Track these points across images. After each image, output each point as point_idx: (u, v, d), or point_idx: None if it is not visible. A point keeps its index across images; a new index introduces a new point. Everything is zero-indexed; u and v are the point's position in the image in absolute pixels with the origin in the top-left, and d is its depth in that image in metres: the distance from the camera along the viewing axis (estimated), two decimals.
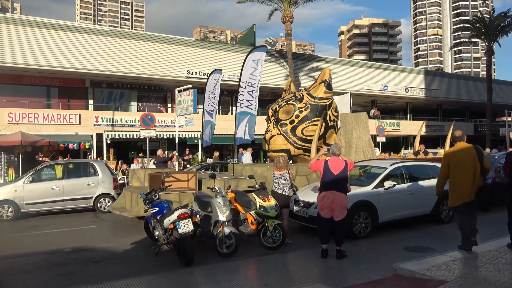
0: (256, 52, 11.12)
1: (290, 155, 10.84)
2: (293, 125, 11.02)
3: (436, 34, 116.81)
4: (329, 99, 11.43)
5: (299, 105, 11.15)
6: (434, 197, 8.64)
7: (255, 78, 10.92)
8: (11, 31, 19.38)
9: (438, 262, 5.40)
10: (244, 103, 10.90)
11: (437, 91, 35.89)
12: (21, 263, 6.47)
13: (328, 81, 11.52)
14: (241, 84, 10.79)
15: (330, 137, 11.58)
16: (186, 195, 8.56)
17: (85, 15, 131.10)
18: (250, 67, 10.88)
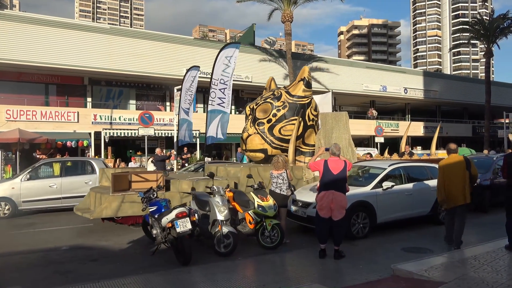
0: (229, 48, 10.70)
1: (267, 155, 10.55)
2: (270, 124, 10.64)
3: (436, 36, 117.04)
4: (308, 98, 11.06)
5: (277, 104, 10.75)
6: (432, 198, 8.66)
7: (228, 75, 10.55)
8: (9, 28, 19.32)
9: (436, 263, 5.41)
10: (216, 100, 10.49)
11: (436, 92, 35.96)
12: (18, 260, 6.44)
13: (307, 79, 11.12)
14: (213, 81, 10.42)
15: (309, 137, 11.23)
16: None
17: (84, 13, 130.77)
18: (222, 64, 10.50)
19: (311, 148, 11.26)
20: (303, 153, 11.20)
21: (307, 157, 11.00)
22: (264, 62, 27.18)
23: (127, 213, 7.99)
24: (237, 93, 28.89)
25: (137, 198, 7.97)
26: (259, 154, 10.69)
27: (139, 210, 7.87)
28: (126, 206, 7.96)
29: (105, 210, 7.86)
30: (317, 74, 28.95)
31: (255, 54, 27.05)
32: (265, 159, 10.69)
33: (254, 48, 27.82)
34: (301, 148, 11.17)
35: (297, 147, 10.99)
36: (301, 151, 11.17)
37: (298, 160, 10.96)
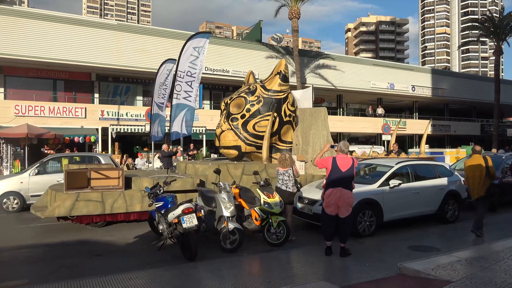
0: (197, 38, 9.98)
1: (240, 152, 10.16)
2: (244, 120, 10.08)
3: (444, 33, 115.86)
4: (285, 92, 10.52)
5: (251, 98, 10.17)
6: (440, 197, 8.61)
7: (196, 67, 9.94)
8: (18, 24, 19.44)
9: (443, 262, 5.36)
10: (182, 94, 9.89)
11: (444, 90, 35.62)
12: (25, 254, 6.51)
13: (284, 72, 10.52)
14: (179, 73, 9.80)
15: (287, 133, 10.76)
16: (110, 195, 7.95)
17: (92, 9, 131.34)
18: (190, 55, 9.83)
19: (289, 145, 10.77)
20: (280, 151, 10.60)
21: None
22: (270, 59, 27.08)
23: (82, 212, 7.66)
24: None
25: (93, 197, 7.67)
26: (232, 151, 10.20)
27: (95, 209, 7.68)
28: (80, 205, 7.62)
29: (58, 208, 7.48)
30: (323, 71, 28.81)
31: (261, 51, 26.98)
32: (239, 156, 10.31)
33: (260, 45, 27.74)
34: (278, 145, 10.69)
35: (273, 144, 10.56)
36: (277, 148, 10.67)
37: (274, 158, 10.50)
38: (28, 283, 5.02)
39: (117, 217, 8.14)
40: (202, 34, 10.29)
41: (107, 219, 8.08)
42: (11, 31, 19.24)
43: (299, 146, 10.61)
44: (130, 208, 8.11)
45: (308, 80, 28.11)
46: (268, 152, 9.97)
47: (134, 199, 8.12)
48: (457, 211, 8.94)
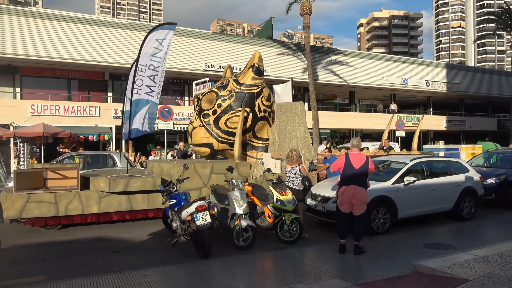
0: (160, 30, 9.48)
1: (213, 150, 9.76)
2: (216, 116, 9.62)
3: (459, 27, 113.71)
4: (258, 86, 9.97)
5: (222, 93, 9.69)
6: (456, 194, 8.47)
7: (159, 60, 9.42)
8: (33, 25, 19.75)
9: (459, 260, 5.27)
10: (144, 89, 9.34)
11: (459, 85, 35.00)
12: (41, 251, 6.62)
13: (257, 65, 9.93)
14: (140, 67, 9.25)
15: (262, 130, 10.27)
16: (65, 196, 7.55)
17: (104, 9, 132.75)
18: (152, 48, 9.33)
19: (265, 142, 10.32)
20: (255, 148, 10.27)
21: (259, 152, 10.19)
22: (282, 56, 26.98)
23: (33, 214, 7.27)
24: None
25: (46, 198, 7.25)
26: (204, 149, 9.81)
27: (48, 211, 7.33)
28: (31, 207, 7.21)
29: (7, 210, 7.09)
30: (336, 68, 28.58)
31: (273, 47, 26.89)
32: (212, 154, 9.93)
33: (272, 41, 27.65)
34: (253, 143, 10.26)
35: (248, 141, 10.17)
36: (252, 146, 10.28)
37: (249, 156, 10.18)
38: (46, 279, 5.12)
39: (72, 220, 7.79)
40: (166, 25, 9.70)
41: (62, 221, 7.71)
42: (26, 32, 19.56)
43: (275, 143, 10.15)
44: (87, 210, 7.75)
45: (320, 76, 27.93)
46: (240, 150, 9.49)
47: (90, 200, 7.72)
48: (474, 208, 8.79)
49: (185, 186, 8.37)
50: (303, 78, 26.75)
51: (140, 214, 8.46)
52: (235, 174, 8.70)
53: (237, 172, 8.88)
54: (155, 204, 8.34)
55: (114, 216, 8.19)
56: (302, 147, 9.89)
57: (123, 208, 8.14)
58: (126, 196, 8.12)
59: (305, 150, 9.91)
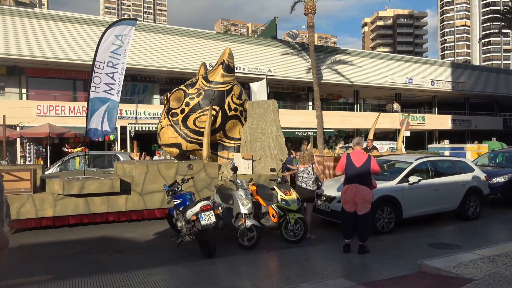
0: (120, 25, 9.18)
1: (181, 150, 9.46)
2: (184, 115, 9.31)
3: (464, 25, 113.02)
4: (228, 84, 9.66)
5: (190, 91, 9.38)
6: (461, 193, 8.44)
7: (118, 57, 9.07)
8: (38, 26, 19.91)
9: (465, 260, 5.25)
10: (102, 87, 8.98)
11: (464, 84, 34.81)
12: (48, 251, 6.67)
13: (227, 62, 9.59)
14: (97, 63, 8.87)
15: (233, 129, 9.93)
16: (17, 199, 7.29)
17: (109, 10, 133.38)
18: (111, 44, 9.02)
19: (237, 142, 9.99)
20: (227, 148, 9.96)
21: (231, 152, 9.87)
22: (286, 55, 26.98)
23: None
24: None
25: None
26: (173, 149, 9.53)
27: None
28: None
29: None
30: (340, 67, 28.52)
31: (277, 47, 26.89)
32: (181, 155, 9.65)
33: (276, 41, 27.66)
34: (224, 143, 9.98)
35: (219, 141, 9.89)
36: (224, 146, 9.98)
37: (220, 156, 9.89)
38: (53, 278, 5.16)
39: (26, 224, 7.55)
40: (126, 21, 9.46)
41: (14, 226, 7.33)
42: (32, 33, 19.71)
43: (247, 143, 9.82)
44: (41, 213, 7.54)
45: (325, 76, 27.89)
46: (208, 150, 9.16)
47: (45, 203, 7.47)
48: (479, 208, 8.74)
49: (148, 188, 8.22)
50: (307, 77, 26.73)
51: (99, 217, 8.18)
52: (202, 175, 8.57)
53: (204, 173, 8.63)
54: (115, 207, 8.12)
55: (71, 220, 7.92)
56: (275, 147, 9.56)
57: (80, 211, 7.86)
58: (83, 199, 7.83)
59: (277, 151, 9.57)
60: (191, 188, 8.51)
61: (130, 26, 9.24)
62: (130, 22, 9.31)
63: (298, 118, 27.64)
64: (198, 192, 8.62)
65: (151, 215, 8.65)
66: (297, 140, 27.85)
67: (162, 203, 8.47)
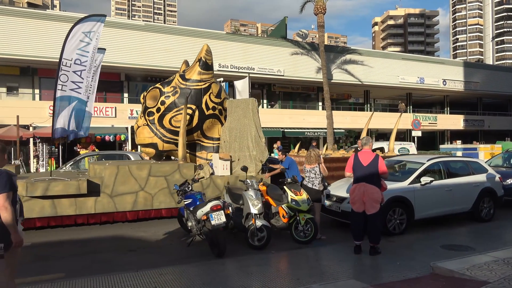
0: (87, 22, 8.85)
1: (158, 150, 9.24)
2: (160, 114, 9.04)
3: (477, 24, 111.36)
4: (206, 82, 9.32)
5: (166, 89, 9.12)
6: (474, 194, 8.32)
7: (86, 54, 8.75)
8: (50, 27, 20.16)
9: (478, 262, 5.17)
10: (69, 85, 8.69)
11: (477, 83, 34.31)
12: (61, 249, 6.75)
13: (204, 59, 9.27)
14: (63, 61, 8.56)
15: (212, 129, 9.62)
16: None
17: (120, 11, 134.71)
18: (78, 41, 8.69)
19: (216, 142, 9.70)
20: (205, 148, 9.67)
21: (210, 152, 9.61)
22: (296, 55, 26.91)
23: None
24: (269, 87, 28.85)
25: None
26: (149, 149, 9.32)
27: None
28: None
29: None
30: (350, 67, 28.35)
31: (287, 47, 26.84)
32: (157, 155, 9.43)
33: (286, 41, 27.60)
34: (202, 143, 9.69)
35: (197, 141, 9.61)
36: (202, 146, 9.70)
37: (199, 157, 9.61)
38: (66, 276, 5.22)
39: None
40: (94, 17, 9.12)
41: None
42: (44, 34, 19.98)
43: (227, 143, 9.51)
44: None
45: (335, 76, 27.75)
46: (184, 151, 8.87)
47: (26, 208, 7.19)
48: (493, 209, 8.61)
49: (118, 190, 8.01)
50: (317, 77, 26.62)
51: (67, 220, 7.94)
52: (176, 176, 8.37)
53: (179, 174, 8.37)
54: (83, 209, 7.85)
55: (37, 223, 7.69)
56: (253, 147, 9.28)
57: (46, 213, 7.64)
58: (50, 200, 7.60)
59: (256, 151, 9.28)
60: (165, 189, 8.34)
61: (99, 22, 8.92)
62: (98, 18, 8.98)
63: (308, 118, 27.55)
64: (172, 194, 8.35)
65: (123, 218, 8.35)
66: (307, 140, 27.76)
67: (133, 205, 8.21)
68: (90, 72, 9.03)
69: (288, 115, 27.10)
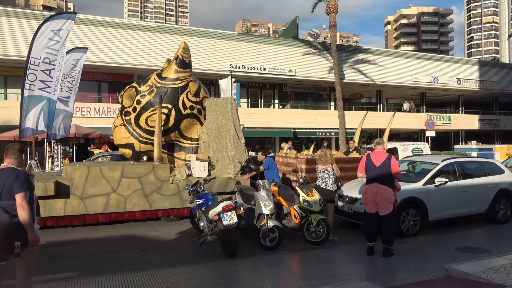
0: (56, 20, 8.60)
1: (134, 151, 9.01)
2: (136, 114, 8.79)
3: (492, 22, 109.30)
4: (183, 80, 9.01)
5: (142, 88, 8.86)
6: (490, 195, 8.17)
7: (55, 53, 8.55)
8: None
9: (495, 265, 5.07)
10: (37, 84, 8.48)
11: (492, 82, 33.69)
12: (75, 248, 6.85)
13: (181, 57, 8.94)
14: (32, 60, 8.35)
15: (191, 129, 9.33)
16: None
17: (133, 12, 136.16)
18: (47, 39, 8.47)
19: (195, 143, 9.41)
20: (184, 149, 9.38)
21: (188, 153, 9.33)
22: (307, 55, 26.81)
23: None
24: (281, 87, 28.81)
25: None
26: (126, 150, 9.09)
27: None
28: None
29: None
30: (362, 66, 28.12)
31: (298, 47, 26.76)
32: (134, 156, 9.21)
33: (297, 41, 27.52)
34: (181, 143, 9.41)
35: (175, 142, 9.35)
36: (180, 146, 9.42)
37: (177, 157, 9.37)
38: (80, 275, 5.29)
39: None
40: (63, 14, 8.89)
41: None
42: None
43: (206, 144, 9.23)
44: None
45: (347, 75, 27.56)
46: (160, 151, 8.62)
47: None
48: (510, 211, 8.44)
49: (89, 192, 7.77)
50: (329, 77, 26.48)
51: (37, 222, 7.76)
52: (151, 177, 8.09)
53: (154, 176, 8.15)
54: (52, 211, 7.54)
55: None
56: (232, 148, 9.05)
57: None
58: None
59: (234, 152, 9.04)
60: (139, 191, 8.07)
61: (69, 20, 8.68)
62: (68, 16, 8.74)
63: (319, 119, 27.42)
64: (146, 196, 8.12)
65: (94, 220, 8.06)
66: (318, 140, 27.63)
67: (105, 207, 7.91)
68: (59, 72, 8.82)
69: (299, 115, 27.02)
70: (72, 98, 11.44)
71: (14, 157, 3.73)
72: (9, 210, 3.51)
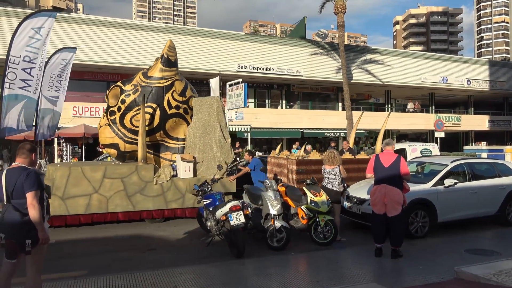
0: (36, 17, 8.47)
1: (119, 151, 8.91)
2: (121, 113, 8.66)
3: (503, 22, 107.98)
4: (168, 79, 8.85)
5: (126, 87, 8.72)
6: (500, 197, 8.08)
7: (36, 51, 8.44)
8: (74, 30, 20.65)
9: (506, 268, 5.00)
10: (17, 83, 8.37)
11: (503, 83, 33.28)
12: (83, 247, 6.91)
13: (166, 55, 8.79)
14: (12, 58, 8.25)
15: (177, 129, 9.20)
16: None
17: (141, 13, 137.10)
18: (27, 37, 8.34)
19: (181, 143, 9.29)
20: (170, 149, 9.28)
21: (174, 153, 9.24)
22: (315, 55, 26.73)
23: None
24: (288, 87, 28.75)
25: None
26: (111, 150, 9.00)
27: None
28: None
29: None
30: (370, 67, 27.96)
31: (306, 47, 26.69)
32: (120, 156, 9.10)
33: (305, 41, 27.46)
34: (167, 143, 9.29)
35: (161, 142, 9.26)
36: (166, 146, 9.31)
37: (163, 158, 9.28)
38: (88, 274, 5.33)
39: None
40: (44, 12, 8.78)
41: None
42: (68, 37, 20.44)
43: (192, 144, 9.12)
44: None
45: (355, 76, 27.43)
46: (144, 151, 8.47)
47: None
48: None
49: (70, 193, 7.67)
50: (337, 78, 26.39)
51: None
52: (134, 178, 7.99)
53: (137, 176, 8.03)
54: None
55: None
56: (218, 149, 8.95)
57: None
58: None
59: (221, 153, 8.91)
60: (121, 192, 7.97)
61: (51, 18, 8.60)
62: (48, 14, 8.64)
63: (327, 119, 27.32)
64: (129, 197, 8.02)
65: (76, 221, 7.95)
66: (326, 141, 27.54)
67: (86, 208, 7.81)
68: (40, 70, 8.75)
69: (307, 116, 26.95)
70: (61, 98, 11.37)
71: (25, 156, 3.80)
72: (20, 208, 3.57)
